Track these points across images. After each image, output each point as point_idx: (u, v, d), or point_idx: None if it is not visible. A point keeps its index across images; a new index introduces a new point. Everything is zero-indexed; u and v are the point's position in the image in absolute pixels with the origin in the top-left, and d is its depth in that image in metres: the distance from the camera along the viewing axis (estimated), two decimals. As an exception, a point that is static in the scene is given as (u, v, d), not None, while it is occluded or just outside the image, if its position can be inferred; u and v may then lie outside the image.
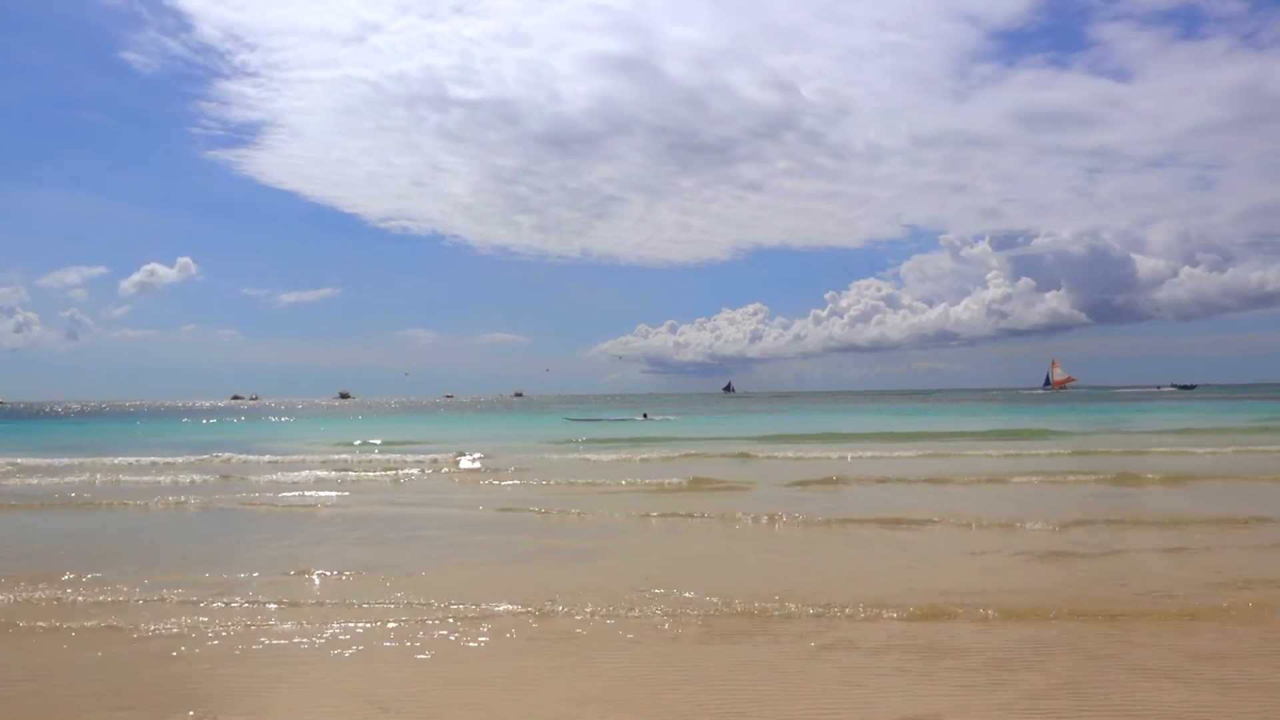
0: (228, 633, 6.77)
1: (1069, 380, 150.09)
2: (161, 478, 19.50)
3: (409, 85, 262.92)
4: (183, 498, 15.56)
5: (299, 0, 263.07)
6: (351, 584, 8.44)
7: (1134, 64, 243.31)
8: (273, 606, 7.57)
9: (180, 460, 23.94)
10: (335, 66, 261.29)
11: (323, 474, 19.95)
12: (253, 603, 7.67)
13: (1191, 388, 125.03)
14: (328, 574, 8.90)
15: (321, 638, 6.62)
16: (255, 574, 8.90)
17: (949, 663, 5.86)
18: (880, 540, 10.67)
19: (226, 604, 7.62)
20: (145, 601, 7.74)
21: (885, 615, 7.03)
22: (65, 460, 24.02)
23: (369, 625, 6.94)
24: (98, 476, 19.88)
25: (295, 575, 8.82)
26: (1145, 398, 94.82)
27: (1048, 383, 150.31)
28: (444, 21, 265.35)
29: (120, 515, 14.10)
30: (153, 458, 24.71)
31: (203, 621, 7.04)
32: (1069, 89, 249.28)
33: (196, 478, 19.32)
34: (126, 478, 19.76)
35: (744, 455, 24.08)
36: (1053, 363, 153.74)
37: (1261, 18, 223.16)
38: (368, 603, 7.61)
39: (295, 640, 6.57)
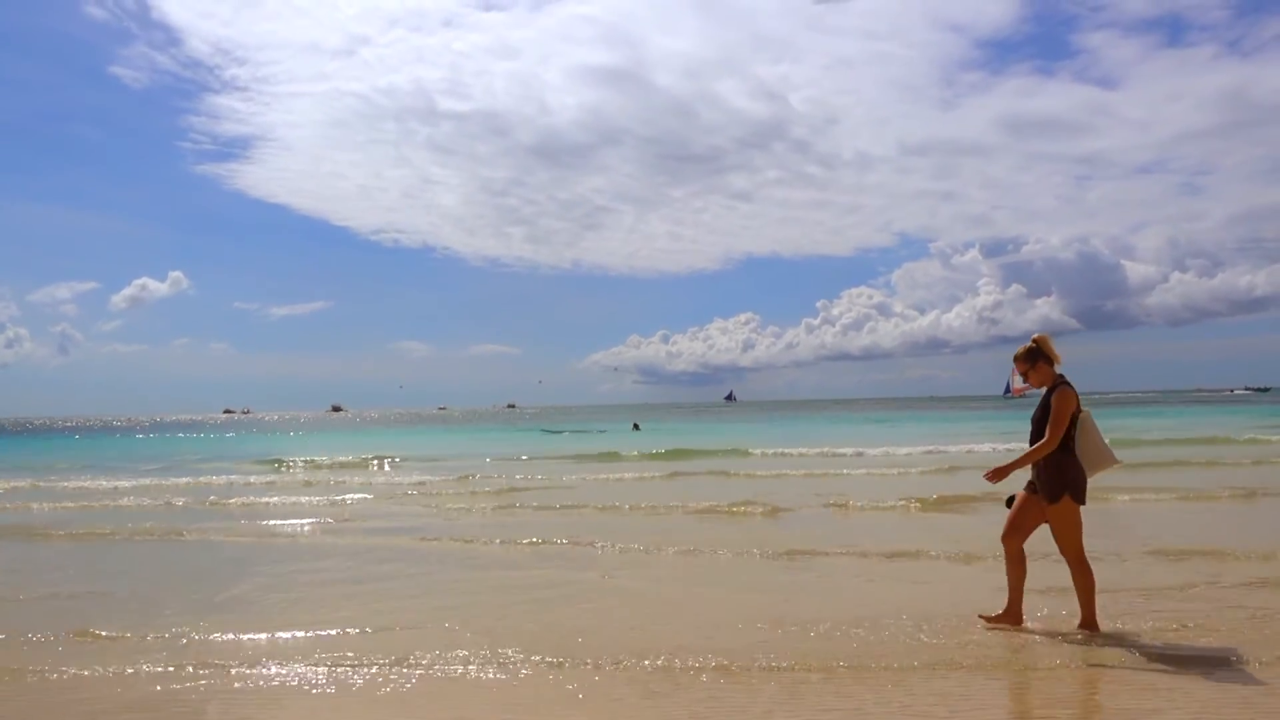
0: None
1: (1029, 387, 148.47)
2: (121, 501, 16.76)
3: (398, 98, 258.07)
4: (128, 524, 12.95)
5: (288, 14, 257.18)
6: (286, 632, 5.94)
7: (1120, 71, 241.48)
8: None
9: (127, 484, 21.24)
10: (324, 80, 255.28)
11: (285, 499, 17.35)
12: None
13: (1267, 390, 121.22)
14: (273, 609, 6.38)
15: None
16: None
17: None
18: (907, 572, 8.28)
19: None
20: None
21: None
22: (17, 483, 21.20)
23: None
24: (46, 504, 17.14)
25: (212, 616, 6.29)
26: (1219, 401, 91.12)
27: (1007, 390, 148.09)
28: (433, 35, 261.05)
29: (47, 547, 11.42)
30: (120, 481, 22.05)
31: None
32: (1056, 96, 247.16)
33: (149, 501, 16.65)
34: (79, 503, 17.00)
35: (747, 472, 21.55)
36: (1014, 370, 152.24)
37: (1246, 24, 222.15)
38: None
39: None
